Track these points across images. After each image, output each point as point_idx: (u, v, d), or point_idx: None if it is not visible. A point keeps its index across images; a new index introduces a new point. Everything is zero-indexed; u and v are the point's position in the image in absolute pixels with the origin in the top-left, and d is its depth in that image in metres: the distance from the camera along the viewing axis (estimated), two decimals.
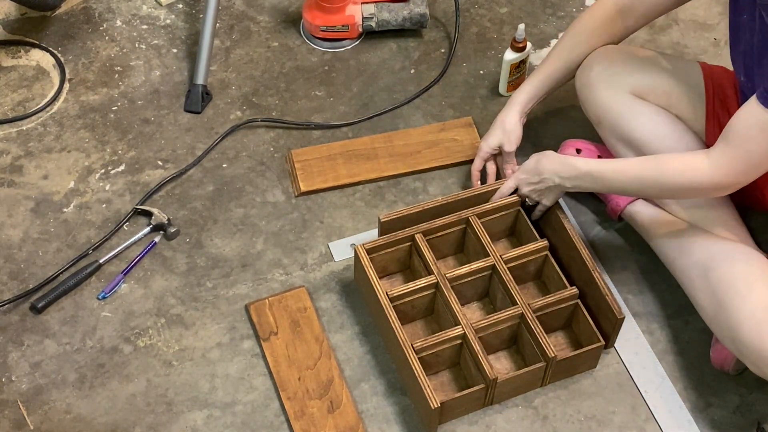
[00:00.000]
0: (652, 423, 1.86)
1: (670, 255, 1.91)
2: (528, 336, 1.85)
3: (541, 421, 1.86)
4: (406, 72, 2.35)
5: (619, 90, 1.96)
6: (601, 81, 1.97)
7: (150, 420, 1.84)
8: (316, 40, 2.38)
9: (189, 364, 1.90)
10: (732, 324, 1.72)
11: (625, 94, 1.96)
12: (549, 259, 1.95)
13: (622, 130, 1.96)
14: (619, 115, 1.96)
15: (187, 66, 2.33)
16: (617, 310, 1.85)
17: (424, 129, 2.23)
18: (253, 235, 2.07)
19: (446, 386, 1.88)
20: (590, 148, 2.08)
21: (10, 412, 1.83)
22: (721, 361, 1.87)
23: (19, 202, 2.10)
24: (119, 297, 1.98)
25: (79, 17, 2.41)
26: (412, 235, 1.93)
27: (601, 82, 1.97)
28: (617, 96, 1.96)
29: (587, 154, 2.07)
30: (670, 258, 1.91)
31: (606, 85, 1.97)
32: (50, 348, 1.91)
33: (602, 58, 1.98)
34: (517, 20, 2.44)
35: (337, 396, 1.85)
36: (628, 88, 1.96)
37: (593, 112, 2.00)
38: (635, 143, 1.95)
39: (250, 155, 2.19)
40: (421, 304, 1.92)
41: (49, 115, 2.24)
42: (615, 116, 1.96)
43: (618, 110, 1.96)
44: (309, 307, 1.96)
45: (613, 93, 1.96)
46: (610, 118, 1.97)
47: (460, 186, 2.15)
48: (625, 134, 1.96)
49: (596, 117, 2.00)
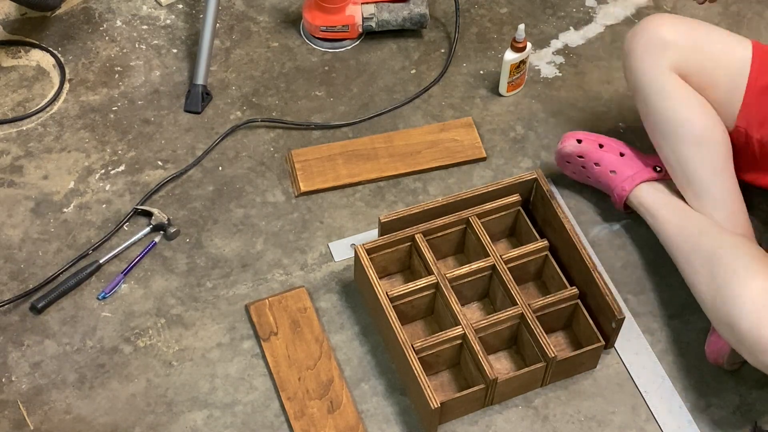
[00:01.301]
0: (652, 423, 1.86)
1: (674, 240, 1.90)
2: (528, 336, 1.85)
3: (541, 421, 1.86)
4: (406, 72, 2.35)
5: (662, 65, 1.93)
6: (645, 50, 1.94)
7: (150, 420, 1.84)
8: (316, 41, 2.38)
9: (189, 364, 1.90)
10: (731, 311, 1.71)
11: (666, 70, 1.93)
12: (549, 259, 1.95)
13: (650, 106, 1.94)
14: (654, 91, 1.94)
15: (187, 66, 2.33)
16: (617, 310, 1.85)
17: (424, 129, 2.23)
18: (253, 236, 2.07)
19: (446, 386, 1.88)
20: (590, 138, 2.08)
21: (10, 413, 1.83)
22: (715, 354, 1.87)
23: (19, 202, 2.10)
24: (119, 297, 1.98)
25: (79, 17, 2.41)
26: (412, 235, 1.93)
27: (646, 51, 1.94)
28: (657, 71, 1.93)
29: (588, 143, 2.06)
30: (673, 243, 1.91)
31: (650, 54, 1.94)
32: (50, 348, 1.91)
33: (654, 27, 1.94)
34: (517, 20, 2.44)
35: (337, 396, 1.85)
36: (672, 65, 1.92)
37: (632, 79, 1.98)
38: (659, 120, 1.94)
39: (250, 155, 2.19)
40: (421, 304, 1.92)
41: (49, 115, 2.24)
42: (649, 91, 1.94)
43: (654, 86, 1.93)
44: (309, 307, 1.96)
45: (654, 66, 1.93)
46: (645, 92, 1.95)
47: (460, 186, 2.15)
48: (652, 110, 1.95)
49: (633, 86, 1.98)
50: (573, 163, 2.08)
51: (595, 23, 2.46)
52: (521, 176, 2.01)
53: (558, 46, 2.41)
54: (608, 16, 2.47)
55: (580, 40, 2.42)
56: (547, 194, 1.98)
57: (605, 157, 2.04)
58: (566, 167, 2.10)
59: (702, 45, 1.94)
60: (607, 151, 2.05)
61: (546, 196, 1.98)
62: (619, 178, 2.03)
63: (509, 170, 2.18)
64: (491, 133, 2.24)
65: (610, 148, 2.05)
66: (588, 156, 2.05)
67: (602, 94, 2.32)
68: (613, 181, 2.04)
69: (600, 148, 2.05)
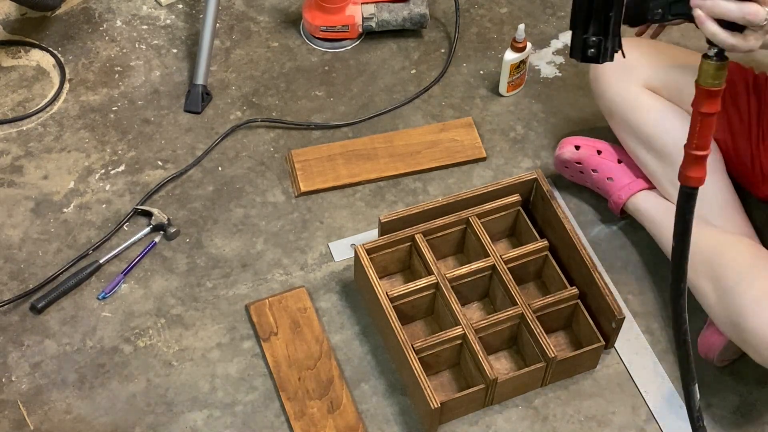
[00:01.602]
0: (652, 423, 1.86)
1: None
2: (528, 336, 1.85)
3: (541, 421, 1.86)
4: (406, 72, 2.35)
5: (632, 83, 1.97)
6: (613, 74, 1.98)
7: (150, 420, 1.84)
8: (316, 41, 2.38)
9: (189, 364, 1.90)
10: (736, 310, 1.70)
11: (637, 87, 1.96)
12: (549, 259, 1.95)
13: (632, 124, 1.96)
14: (630, 108, 1.96)
15: (187, 66, 2.33)
16: (617, 310, 1.85)
17: (424, 129, 2.23)
18: (253, 236, 2.07)
19: (446, 386, 1.88)
20: (588, 144, 2.08)
21: (10, 413, 1.83)
22: (706, 348, 1.87)
23: (19, 202, 2.10)
24: (119, 297, 1.98)
25: (79, 17, 2.41)
26: (412, 235, 1.93)
27: (614, 75, 1.98)
28: (629, 89, 1.97)
29: (586, 150, 2.07)
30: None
31: (618, 78, 1.97)
32: (50, 348, 1.91)
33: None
34: (517, 20, 2.44)
35: (337, 396, 1.85)
36: (640, 82, 1.96)
37: (605, 104, 2.01)
38: (645, 138, 1.95)
39: (250, 155, 2.19)
40: (421, 305, 1.92)
41: (49, 115, 2.24)
42: (626, 110, 1.97)
43: (629, 104, 1.96)
44: (309, 307, 1.96)
45: (625, 86, 1.97)
46: (621, 111, 1.97)
47: (460, 186, 2.15)
48: (635, 128, 1.96)
49: (608, 110, 2.01)
50: (571, 168, 2.09)
51: None
52: (521, 176, 2.01)
53: (558, 46, 2.41)
54: None
55: None
56: (547, 194, 1.98)
57: (603, 164, 2.05)
58: (564, 171, 2.11)
59: (665, 61, 1.97)
60: (604, 158, 2.05)
61: (546, 196, 1.98)
62: (617, 185, 2.03)
63: (509, 170, 2.18)
64: (491, 133, 2.24)
65: (609, 154, 2.05)
66: (586, 162, 2.06)
67: None
68: (610, 188, 2.04)
69: (598, 155, 2.05)
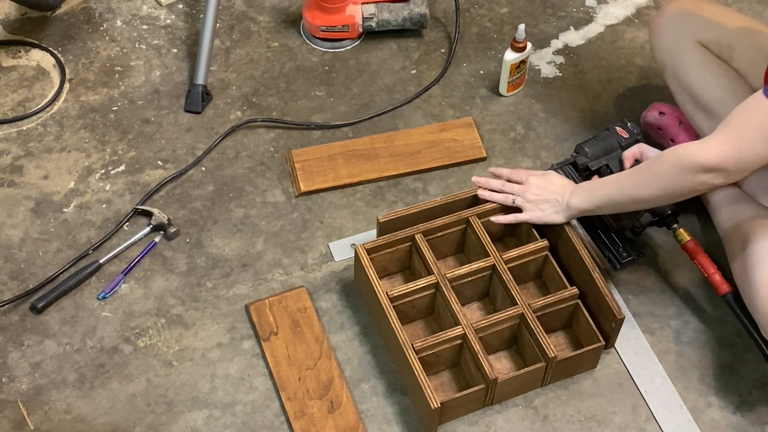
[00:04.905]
0: (652, 423, 1.86)
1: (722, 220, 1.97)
2: (528, 336, 1.85)
3: (541, 421, 1.86)
4: (406, 72, 2.35)
5: (686, 37, 2.02)
6: (670, 26, 2.03)
7: (150, 420, 1.84)
8: (316, 40, 2.38)
9: (189, 364, 1.90)
10: (752, 291, 1.80)
11: (691, 42, 2.01)
12: (549, 259, 1.95)
13: (681, 77, 2.02)
14: (681, 62, 2.02)
15: (187, 66, 2.33)
16: (617, 310, 1.85)
17: (424, 129, 2.23)
18: (253, 235, 2.07)
19: (446, 386, 1.88)
20: (674, 114, 2.14)
21: (10, 412, 1.83)
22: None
23: (19, 202, 2.10)
24: (119, 297, 1.98)
25: (79, 17, 2.41)
26: (412, 235, 1.93)
27: (670, 27, 2.03)
28: (682, 43, 2.02)
29: (669, 118, 2.13)
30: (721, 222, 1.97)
31: (674, 30, 2.03)
32: (50, 348, 1.91)
33: (677, 4, 2.04)
34: (517, 20, 2.44)
35: (337, 396, 1.85)
36: (694, 37, 2.01)
37: (659, 56, 2.07)
38: (691, 92, 2.01)
39: (250, 155, 2.19)
40: (421, 304, 1.92)
41: (49, 115, 2.24)
42: (676, 62, 2.02)
43: (680, 57, 2.02)
44: (309, 307, 1.96)
45: (679, 39, 2.02)
46: (672, 63, 2.03)
47: (460, 186, 2.15)
48: (684, 82, 2.02)
49: (661, 61, 2.07)
50: (653, 132, 2.17)
51: (595, 23, 2.46)
52: None
53: (558, 46, 2.41)
54: (608, 16, 2.47)
55: (580, 39, 2.42)
56: None
57: (681, 135, 2.11)
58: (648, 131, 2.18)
59: (721, 19, 2.01)
60: (685, 130, 2.11)
61: None
62: None
63: None
64: (491, 133, 2.24)
65: (689, 127, 2.11)
66: (666, 130, 2.13)
67: (602, 94, 2.32)
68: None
69: (679, 125, 2.12)
